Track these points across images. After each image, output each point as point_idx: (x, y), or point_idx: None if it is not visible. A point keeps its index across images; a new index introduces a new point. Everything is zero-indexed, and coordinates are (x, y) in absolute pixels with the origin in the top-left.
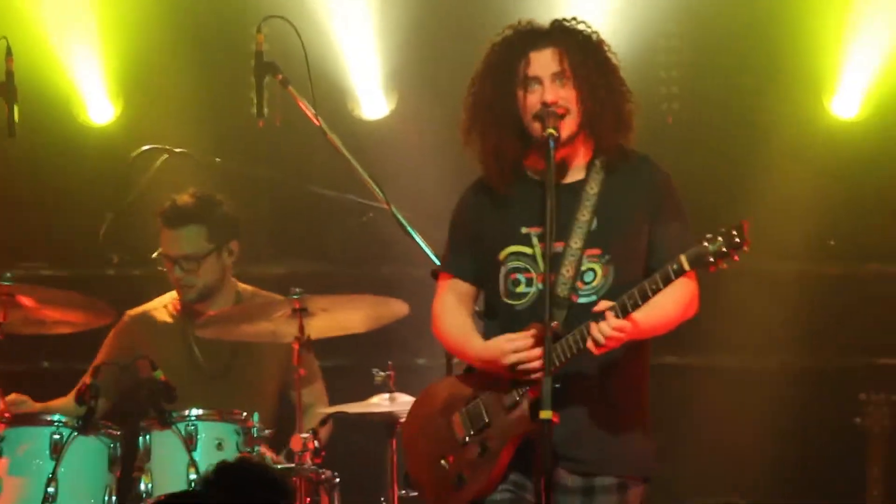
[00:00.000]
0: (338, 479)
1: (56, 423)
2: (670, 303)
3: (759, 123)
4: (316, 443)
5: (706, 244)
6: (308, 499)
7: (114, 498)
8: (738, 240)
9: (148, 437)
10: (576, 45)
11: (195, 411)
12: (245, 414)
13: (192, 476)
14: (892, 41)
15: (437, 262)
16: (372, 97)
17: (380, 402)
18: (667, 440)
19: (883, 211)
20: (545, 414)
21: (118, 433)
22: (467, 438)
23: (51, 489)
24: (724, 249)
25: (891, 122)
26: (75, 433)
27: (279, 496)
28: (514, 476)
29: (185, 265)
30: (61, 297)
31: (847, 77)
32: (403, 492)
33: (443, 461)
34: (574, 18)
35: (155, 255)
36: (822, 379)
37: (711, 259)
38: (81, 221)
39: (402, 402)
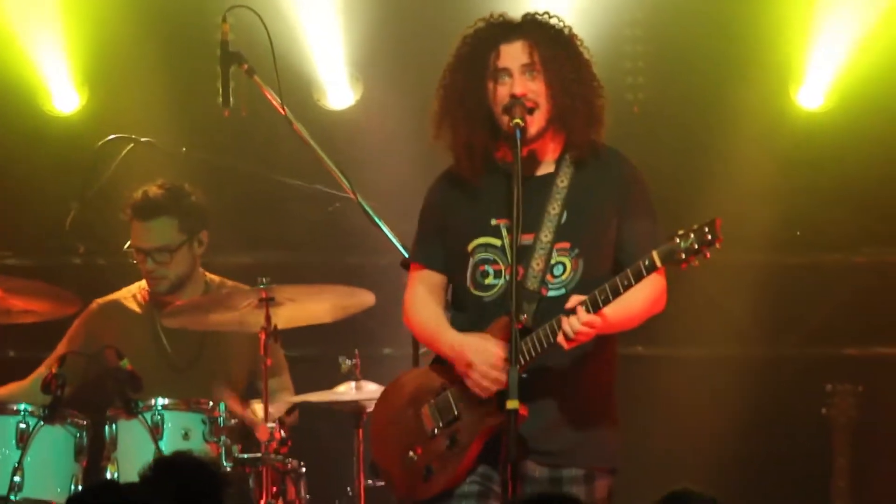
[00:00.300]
0: (304, 469)
1: (22, 412)
2: (640, 298)
3: (725, 114)
4: (283, 433)
5: (678, 241)
6: (274, 488)
7: (80, 487)
8: (710, 237)
9: (114, 426)
10: (547, 39)
11: (161, 401)
12: (212, 403)
13: None
14: (857, 32)
15: (404, 252)
16: (338, 87)
17: (346, 391)
18: (632, 430)
19: (848, 201)
20: (511, 404)
21: (84, 422)
22: (436, 431)
23: (17, 478)
24: (696, 246)
25: (856, 113)
26: (41, 422)
27: (217, 488)
28: (481, 468)
29: (158, 257)
30: (27, 287)
31: (813, 68)
32: (370, 481)
33: (411, 452)
34: (546, 13)
35: (126, 247)
36: (787, 370)
37: (683, 256)
38: (47, 211)
39: (368, 391)
